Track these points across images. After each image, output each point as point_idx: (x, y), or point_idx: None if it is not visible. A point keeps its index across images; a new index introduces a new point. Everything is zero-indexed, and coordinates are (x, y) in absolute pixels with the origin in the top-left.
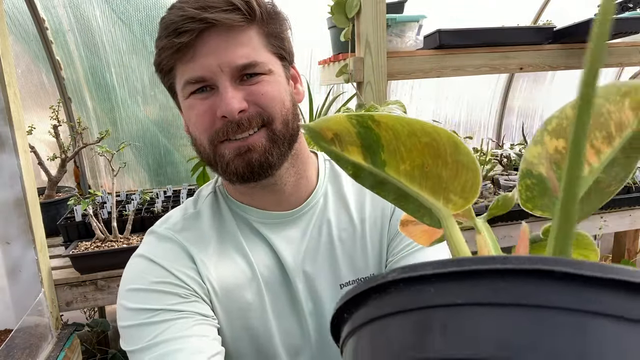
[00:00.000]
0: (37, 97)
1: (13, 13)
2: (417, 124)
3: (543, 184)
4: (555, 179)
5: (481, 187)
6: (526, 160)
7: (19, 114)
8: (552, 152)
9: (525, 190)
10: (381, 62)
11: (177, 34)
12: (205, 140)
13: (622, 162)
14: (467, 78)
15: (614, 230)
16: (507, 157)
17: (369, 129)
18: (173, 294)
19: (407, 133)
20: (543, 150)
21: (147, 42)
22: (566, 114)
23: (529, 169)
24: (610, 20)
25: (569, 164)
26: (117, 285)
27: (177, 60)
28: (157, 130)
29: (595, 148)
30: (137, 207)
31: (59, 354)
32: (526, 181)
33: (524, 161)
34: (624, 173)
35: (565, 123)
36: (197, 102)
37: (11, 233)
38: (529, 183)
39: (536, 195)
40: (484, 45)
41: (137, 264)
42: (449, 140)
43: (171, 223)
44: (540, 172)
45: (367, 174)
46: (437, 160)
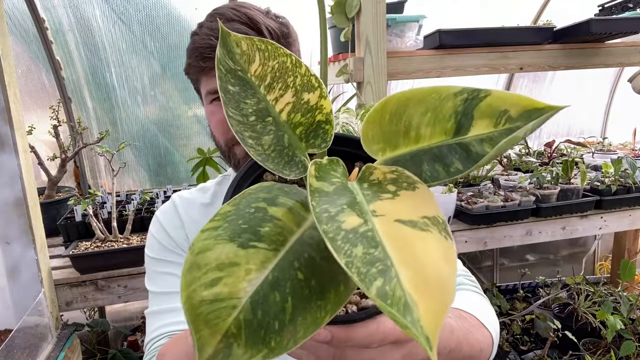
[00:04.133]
0: (37, 97)
1: (13, 13)
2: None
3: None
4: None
5: (480, 187)
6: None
7: (19, 114)
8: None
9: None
10: (381, 62)
11: (202, 58)
12: (222, 142)
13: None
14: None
15: (614, 230)
16: (507, 157)
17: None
18: (163, 246)
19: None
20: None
21: (147, 42)
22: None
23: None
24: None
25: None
26: (117, 285)
27: (202, 75)
28: (157, 130)
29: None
30: (137, 207)
31: (59, 354)
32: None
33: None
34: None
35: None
36: (216, 109)
37: (11, 233)
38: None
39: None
40: (484, 45)
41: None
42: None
43: (184, 191)
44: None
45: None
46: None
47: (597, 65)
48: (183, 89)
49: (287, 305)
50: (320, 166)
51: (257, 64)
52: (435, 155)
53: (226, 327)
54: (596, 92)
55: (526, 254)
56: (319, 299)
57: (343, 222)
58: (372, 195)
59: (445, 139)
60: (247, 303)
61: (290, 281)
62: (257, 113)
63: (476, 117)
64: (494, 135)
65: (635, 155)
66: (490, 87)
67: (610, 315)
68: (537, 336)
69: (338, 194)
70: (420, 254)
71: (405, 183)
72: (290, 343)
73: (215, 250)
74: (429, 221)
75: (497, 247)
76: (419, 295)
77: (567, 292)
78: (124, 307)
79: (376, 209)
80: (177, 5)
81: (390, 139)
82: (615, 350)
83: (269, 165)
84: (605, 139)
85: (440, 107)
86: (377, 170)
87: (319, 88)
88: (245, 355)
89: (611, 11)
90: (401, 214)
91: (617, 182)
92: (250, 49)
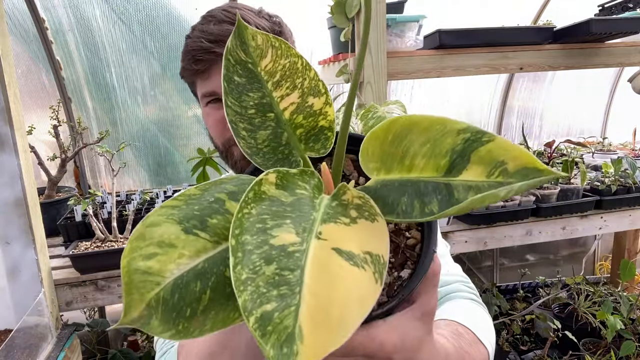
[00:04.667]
0: (37, 97)
1: (13, 13)
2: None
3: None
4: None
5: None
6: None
7: (19, 114)
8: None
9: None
10: (381, 62)
11: (194, 61)
12: (220, 143)
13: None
14: (467, 78)
15: (614, 230)
16: None
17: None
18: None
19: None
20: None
21: (147, 42)
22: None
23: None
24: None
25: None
26: (117, 285)
27: (196, 78)
28: (157, 130)
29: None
30: (137, 207)
31: (59, 354)
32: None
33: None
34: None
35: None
36: (212, 111)
37: (11, 233)
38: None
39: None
40: (484, 45)
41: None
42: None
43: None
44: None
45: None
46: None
47: (597, 65)
48: (183, 89)
49: (204, 297)
50: (284, 175)
51: (268, 59)
52: (419, 190)
53: (149, 298)
54: (596, 92)
55: (526, 254)
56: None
57: (275, 237)
58: (332, 216)
59: (436, 175)
60: (169, 284)
61: (216, 276)
62: (258, 107)
63: (472, 161)
64: (483, 185)
65: (635, 155)
66: (490, 87)
67: (610, 315)
68: (537, 336)
69: (294, 206)
70: (337, 288)
71: (367, 212)
72: (197, 332)
73: (162, 227)
74: (369, 258)
75: (497, 247)
76: (312, 330)
77: (567, 292)
78: None
79: (325, 231)
80: (177, 5)
81: (386, 161)
82: (615, 350)
83: (255, 159)
84: (605, 139)
85: (440, 141)
86: (349, 191)
87: (325, 95)
88: (159, 329)
89: (611, 11)
90: (345, 243)
91: (617, 182)
92: (264, 44)
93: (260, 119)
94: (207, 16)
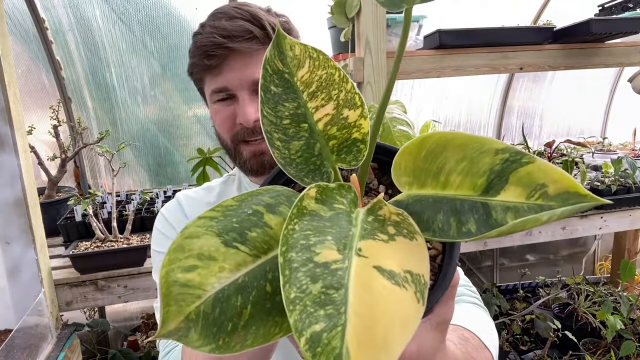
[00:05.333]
0: (37, 97)
1: (13, 13)
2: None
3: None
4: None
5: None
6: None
7: (19, 114)
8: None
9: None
10: (381, 62)
11: (206, 56)
12: (228, 139)
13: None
14: (467, 78)
15: (614, 230)
16: None
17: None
18: (170, 239)
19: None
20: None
21: (147, 42)
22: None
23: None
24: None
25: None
26: (117, 285)
27: (207, 74)
28: (157, 130)
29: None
30: (137, 207)
31: (59, 354)
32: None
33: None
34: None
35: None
36: (221, 108)
37: (11, 233)
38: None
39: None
40: (484, 45)
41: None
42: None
43: (189, 190)
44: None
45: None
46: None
47: (597, 65)
48: (183, 89)
49: (245, 312)
50: (324, 189)
51: (305, 70)
52: (455, 208)
53: (189, 311)
54: (596, 92)
55: (526, 254)
56: (277, 316)
57: (318, 253)
58: (370, 232)
59: (472, 194)
60: (210, 297)
61: (256, 290)
62: (293, 117)
63: (510, 182)
64: (522, 207)
65: (635, 155)
66: (490, 87)
67: (610, 315)
68: (537, 336)
69: (333, 221)
70: (380, 309)
71: (405, 230)
72: (237, 347)
73: (201, 239)
74: (409, 277)
75: (497, 247)
76: (358, 351)
77: (567, 292)
78: (124, 307)
79: (364, 247)
80: (177, 5)
81: (419, 176)
82: (615, 350)
83: (289, 170)
84: (605, 139)
85: (477, 159)
86: (385, 207)
87: (360, 107)
88: (198, 342)
89: (611, 11)
90: (385, 261)
91: (617, 182)
92: (302, 54)
93: (295, 129)
94: (217, 13)
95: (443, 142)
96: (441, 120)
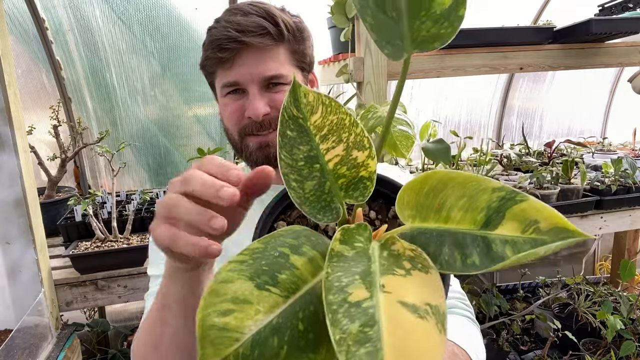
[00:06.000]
0: (37, 97)
1: (13, 13)
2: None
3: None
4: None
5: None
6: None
7: (19, 114)
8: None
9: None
10: (381, 62)
11: (220, 49)
12: (235, 132)
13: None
14: (467, 78)
15: (614, 230)
16: (507, 157)
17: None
18: None
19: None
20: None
21: (147, 42)
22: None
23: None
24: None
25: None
26: (117, 285)
27: (219, 67)
28: (157, 130)
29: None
30: (137, 207)
31: (59, 354)
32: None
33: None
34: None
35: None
36: (231, 101)
37: (11, 233)
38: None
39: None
40: (484, 45)
41: None
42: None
43: None
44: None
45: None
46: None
47: (597, 65)
48: (183, 89)
49: (282, 352)
50: (346, 231)
51: (318, 115)
52: (457, 242)
53: (226, 354)
54: (596, 92)
55: None
56: (311, 352)
57: (351, 294)
58: (387, 267)
59: (473, 228)
60: (248, 340)
61: (290, 330)
62: (306, 159)
63: (507, 218)
64: (518, 240)
65: (635, 155)
66: (490, 87)
67: (610, 315)
68: (537, 336)
69: (356, 260)
70: (410, 342)
71: (420, 264)
72: None
73: (235, 284)
74: (430, 310)
75: None
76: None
77: (567, 292)
78: (124, 307)
79: (386, 283)
80: (177, 5)
81: (422, 211)
82: (615, 350)
83: (304, 209)
84: (605, 139)
85: (476, 196)
86: (399, 242)
87: (369, 149)
88: None
89: (611, 11)
90: (407, 295)
91: (617, 182)
92: (315, 101)
93: (308, 170)
94: (232, 9)
95: (445, 180)
96: (441, 120)
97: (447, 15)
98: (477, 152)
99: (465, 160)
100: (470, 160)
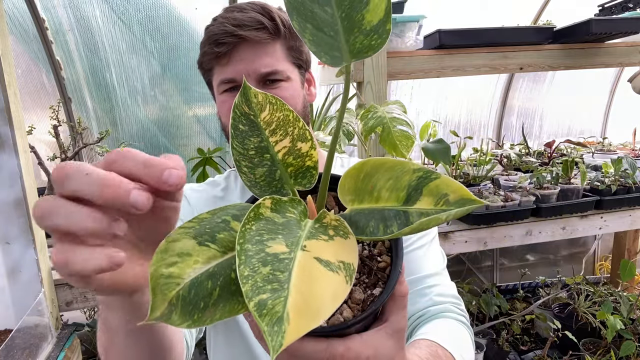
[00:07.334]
0: (37, 97)
1: (13, 13)
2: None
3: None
4: None
5: (480, 187)
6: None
7: (19, 114)
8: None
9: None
10: (381, 62)
11: (217, 44)
12: None
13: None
14: (467, 78)
15: (614, 230)
16: (507, 157)
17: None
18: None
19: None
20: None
21: (147, 42)
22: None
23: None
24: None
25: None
26: None
27: (216, 63)
28: (157, 130)
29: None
30: None
31: (59, 354)
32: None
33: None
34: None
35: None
36: (228, 98)
37: (11, 233)
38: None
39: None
40: (484, 45)
41: None
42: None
43: (194, 184)
44: None
45: None
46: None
47: (597, 65)
48: (183, 89)
49: (214, 293)
50: (277, 201)
51: (266, 112)
52: (383, 216)
53: (170, 297)
54: (596, 92)
55: (526, 254)
56: (240, 296)
57: (269, 247)
58: (314, 234)
59: (397, 204)
60: (187, 283)
61: (224, 277)
62: (257, 149)
63: (424, 194)
64: (431, 212)
65: (635, 155)
66: (490, 87)
67: (610, 315)
68: (537, 336)
69: (284, 226)
70: (316, 287)
71: (342, 232)
72: (208, 320)
73: (181, 242)
74: (342, 265)
75: (497, 247)
76: (296, 315)
77: (567, 292)
78: None
79: (308, 245)
80: (177, 5)
81: (359, 194)
82: (615, 350)
83: (254, 191)
84: (605, 139)
85: (400, 177)
86: (328, 216)
87: (310, 141)
88: (178, 321)
89: (611, 11)
90: (324, 254)
91: (617, 182)
92: (264, 101)
93: (259, 158)
94: (230, 7)
95: (377, 166)
96: (441, 120)
97: (377, 30)
98: (477, 152)
99: (465, 160)
100: (470, 160)
